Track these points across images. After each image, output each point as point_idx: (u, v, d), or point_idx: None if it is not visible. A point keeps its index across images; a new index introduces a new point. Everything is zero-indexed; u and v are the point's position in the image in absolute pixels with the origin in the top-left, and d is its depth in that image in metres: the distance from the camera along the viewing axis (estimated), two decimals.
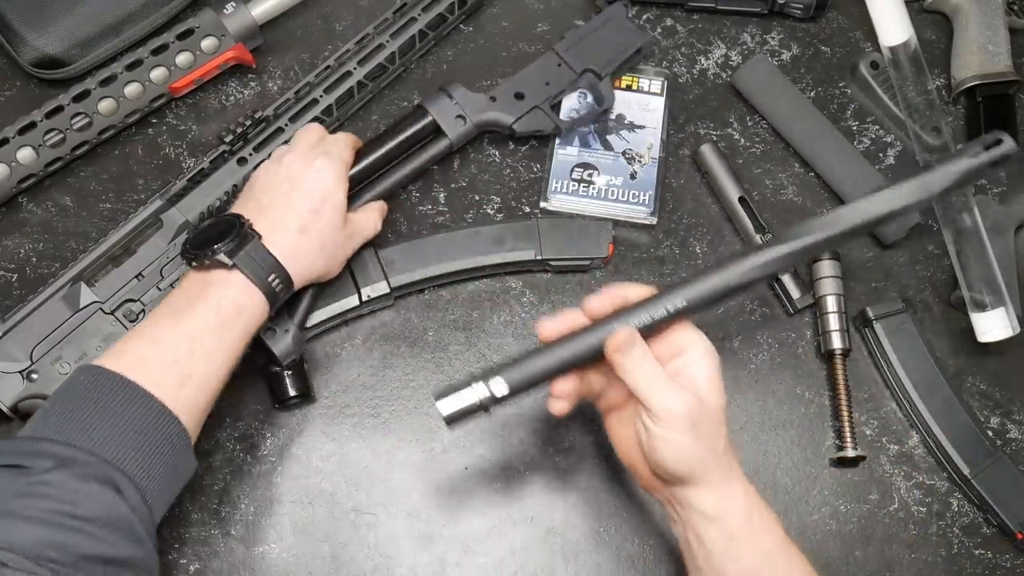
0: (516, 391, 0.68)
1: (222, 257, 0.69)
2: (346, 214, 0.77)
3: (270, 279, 0.71)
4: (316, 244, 0.74)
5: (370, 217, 0.82)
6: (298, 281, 0.74)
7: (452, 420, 0.67)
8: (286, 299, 0.75)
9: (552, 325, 0.69)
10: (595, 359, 0.67)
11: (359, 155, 0.85)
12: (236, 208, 0.76)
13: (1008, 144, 0.69)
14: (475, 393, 0.67)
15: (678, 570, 0.79)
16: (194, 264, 0.71)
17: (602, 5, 0.94)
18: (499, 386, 0.67)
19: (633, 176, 0.90)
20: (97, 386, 0.64)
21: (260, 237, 0.71)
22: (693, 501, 0.66)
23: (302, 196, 0.74)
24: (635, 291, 0.69)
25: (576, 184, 0.89)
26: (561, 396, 0.69)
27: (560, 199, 0.89)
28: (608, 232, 0.86)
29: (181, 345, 0.67)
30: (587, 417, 0.83)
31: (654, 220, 0.88)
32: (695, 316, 0.68)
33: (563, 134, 0.90)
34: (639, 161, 0.90)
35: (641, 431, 0.66)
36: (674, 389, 0.65)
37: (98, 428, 0.61)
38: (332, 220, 0.75)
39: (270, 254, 0.71)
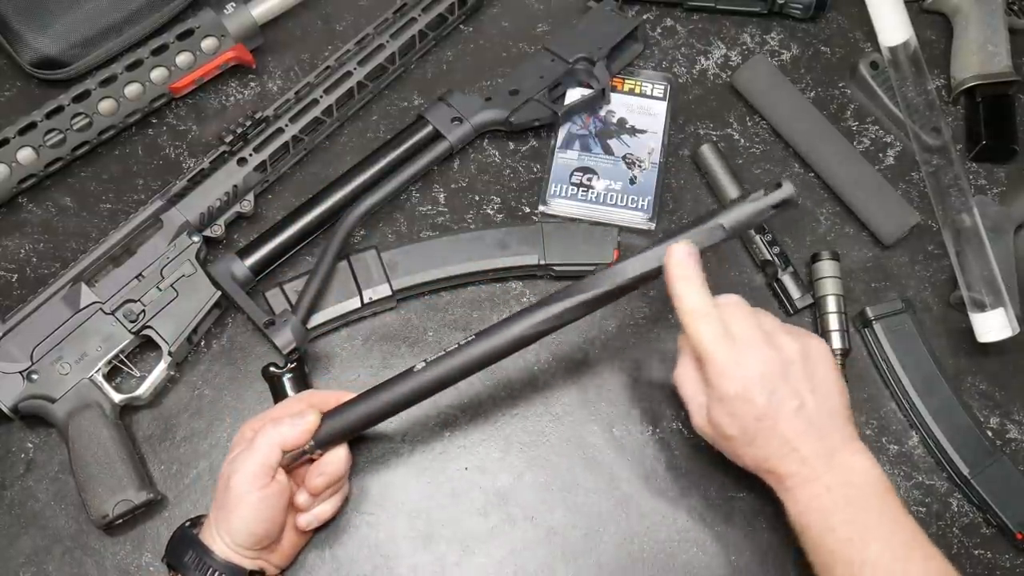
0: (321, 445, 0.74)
1: None
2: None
3: None
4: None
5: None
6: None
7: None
8: None
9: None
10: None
11: (362, 165, 0.85)
12: None
13: (787, 188, 0.73)
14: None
15: (677, 570, 0.79)
16: None
17: (591, 5, 0.94)
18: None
19: (633, 181, 0.89)
20: None
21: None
22: None
23: None
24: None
25: (575, 188, 0.89)
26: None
27: (559, 203, 0.89)
28: (613, 238, 0.85)
29: None
30: (586, 419, 0.83)
31: (652, 226, 0.88)
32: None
33: (561, 120, 0.90)
34: (639, 166, 0.90)
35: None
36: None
37: None
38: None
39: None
